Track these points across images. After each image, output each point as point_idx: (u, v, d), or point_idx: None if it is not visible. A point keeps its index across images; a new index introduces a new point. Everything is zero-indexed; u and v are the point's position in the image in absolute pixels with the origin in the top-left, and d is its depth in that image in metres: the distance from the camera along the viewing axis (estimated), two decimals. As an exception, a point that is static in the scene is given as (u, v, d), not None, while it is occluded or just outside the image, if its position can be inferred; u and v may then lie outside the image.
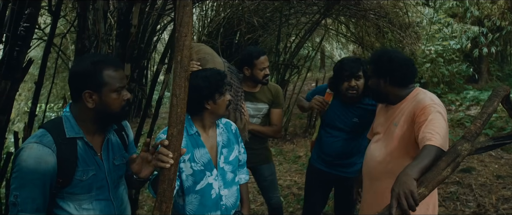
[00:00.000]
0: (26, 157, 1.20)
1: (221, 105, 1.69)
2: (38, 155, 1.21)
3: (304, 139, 6.33)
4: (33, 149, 1.22)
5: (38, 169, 1.21)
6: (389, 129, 1.80)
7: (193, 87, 1.59)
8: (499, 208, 3.22)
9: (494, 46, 8.08)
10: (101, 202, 1.37)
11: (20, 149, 1.23)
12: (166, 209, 1.21)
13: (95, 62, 1.29)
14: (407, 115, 1.71)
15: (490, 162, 4.38)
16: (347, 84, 2.15)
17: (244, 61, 2.37)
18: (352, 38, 8.37)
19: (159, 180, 1.22)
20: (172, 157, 1.20)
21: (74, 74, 1.30)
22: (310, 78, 11.10)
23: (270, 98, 2.49)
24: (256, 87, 2.47)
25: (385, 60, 1.78)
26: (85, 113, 1.32)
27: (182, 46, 1.24)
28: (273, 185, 2.66)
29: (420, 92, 1.76)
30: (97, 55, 1.40)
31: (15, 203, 1.20)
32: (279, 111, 2.52)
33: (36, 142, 1.23)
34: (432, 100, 1.67)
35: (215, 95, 1.66)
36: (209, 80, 1.65)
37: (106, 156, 1.39)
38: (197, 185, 1.65)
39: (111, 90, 1.31)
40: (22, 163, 1.20)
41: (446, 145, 1.50)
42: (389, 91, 1.80)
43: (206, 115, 1.70)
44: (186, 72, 1.25)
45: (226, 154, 1.75)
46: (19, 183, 1.20)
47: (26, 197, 1.21)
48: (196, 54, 2.05)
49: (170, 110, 1.24)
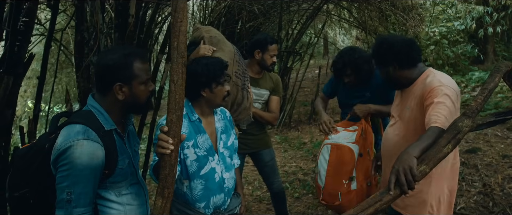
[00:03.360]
0: (80, 154, 1.22)
1: (217, 94, 1.71)
2: (91, 151, 1.24)
3: (308, 126, 6.33)
4: (85, 146, 1.23)
5: (91, 164, 1.24)
6: (403, 112, 1.82)
7: (191, 73, 1.62)
8: (505, 187, 3.21)
9: (500, 26, 7.93)
10: (134, 186, 1.44)
11: (68, 147, 1.23)
12: (168, 195, 1.23)
13: (126, 55, 1.32)
14: (417, 98, 1.71)
15: (496, 142, 4.35)
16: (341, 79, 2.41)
17: (258, 45, 2.45)
18: (354, 23, 8.27)
19: (161, 166, 1.24)
20: (172, 143, 1.22)
21: (104, 67, 1.32)
22: (313, 65, 11.03)
23: (272, 86, 2.57)
24: (260, 74, 2.54)
25: (386, 48, 1.80)
26: (114, 105, 1.35)
27: (178, 32, 1.24)
28: (273, 169, 2.70)
29: (430, 74, 1.75)
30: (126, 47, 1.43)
31: (69, 200, 1.22)
32: (278, 99, 2.61)
33: (85, 139, 1.25)
34: (440, 82, 1.65)
35: (212, 84, 1.67)
36: (208, 68, 1.66)
37: (128, 144, 1.44)
38: (202, 170, 1.69)
39: (140, 82, 1.34)
40: (76, 161, 1.21)
41: None
42: (399, 76, 1.80)
43: (202, 102, 1.73)
44: (183, 58, 1.25)
45: (224, 140, 1.80)
46: (73, 180, 1.22)
47: (80, 193, 1.23)
48: (207, 33, 2.09)
49: (168, 96, 1.25)
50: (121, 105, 1.36)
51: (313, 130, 6.06)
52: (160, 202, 1.22)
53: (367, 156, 2.24)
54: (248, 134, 2.46)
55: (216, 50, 2.04)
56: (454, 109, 1.56)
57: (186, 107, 1.69)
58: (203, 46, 2.01)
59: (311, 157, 4.76)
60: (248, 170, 4.29)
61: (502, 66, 1.48)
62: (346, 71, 2.31)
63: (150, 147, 3.16)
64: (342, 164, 2.19)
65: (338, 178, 2.18)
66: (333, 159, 2.21)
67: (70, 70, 7.85)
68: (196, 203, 1.70)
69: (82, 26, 2.16)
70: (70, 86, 7.54)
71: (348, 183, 2.18)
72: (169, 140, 1.21)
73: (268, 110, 2.59)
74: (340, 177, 2.18)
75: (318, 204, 3.44)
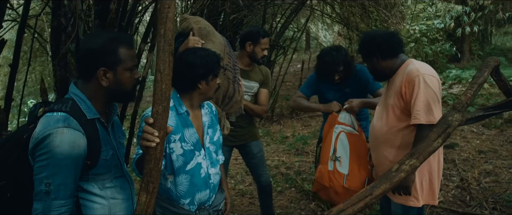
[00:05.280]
0: (59, 143, 1.14)
1: (212, 87, 1.68)
2: (72, 140, 1.17)
3: (291, 120, 6.34)
4: (65, 134, 1.16)
5: (72, 154, 1.17)
6: (386, 100, 1.91)
7: (189, 65, 1.59)
8: (482, 181, 3.31)
9: (477, 25, 8.17)
10: (119, 179, 1.38)
11: (47, 135, 1.15)
12: (153, 190, 1.16)
13: (111, 39, 1.26)
14: (397, 86, 1.80)
15: (472, 138, 4.49)
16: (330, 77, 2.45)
17: (250, 37, 2.43)
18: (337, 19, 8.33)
19: (145, 159, 1.18)
20: (158, 135, 1.15)
21: (88, 51, 1.25)
22: (295, 60, 11.06)
23: (261, 78, 2.56)
24: (250, 66, 2.52)
25: (368, 40, 1.91)
26: (98, 92, 1.28)
27: (165, 18, 1.17)
28: (262, 162, 2.68)
29: (410, 63, 1.83)
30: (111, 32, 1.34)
31: (48, 192, 1.14)
32: (267, 92, 2.61)
33: (65, 127, 1.17)
34: (418, 70, 1.73)
35: (209, 76, 1.63)
36: (206, 59, 1.62)
37: (113, 135, 1.38)
38: (187, 165, 1.63)
39: (125, 68, 1.28)
40: (55, 149, 1.14)
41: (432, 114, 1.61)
42: (383, 67, 1.89)
43: (195, 94, 1.67)
44: (170, 46, 1.19)
45: (211, 134, 1.75)
46: (52, 171, 1.15)
47: (59, 184, 1.15)
48: (196, 24, 2.03)
49: (154, 87, 1.18)
50: (104, 92, 1.29)
51: (295, 124, 6.08)
52: (144, 197, 1.15)
53: None
54: (237, 126, 2.43)
55: (205, 42, 1.98)
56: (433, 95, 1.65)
57: (174, 99, 1.64)
58: (192, 38, 1.95)
59: (293, 151, 4.77)
60: (231, 164, 4.24)
61: (491, 61, 1.49)
62: (339, 68, 2.36)
63: (131, 140, 3.06)
64: (362, 149, 2.23)
65: (363, 162, 2.20)
66: (353, 145, 2.23)
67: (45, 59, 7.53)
68: (181, 200, 1.64)
69: (59, 11, 2.03)
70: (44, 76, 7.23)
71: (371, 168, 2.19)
72: (155, 133, 1.15)
73: (258, 102, 2.57)
74: (365, 161, 2.20)
75: (301, 197, 3.45)
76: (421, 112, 1.65)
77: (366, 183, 2.15)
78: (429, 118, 1.63)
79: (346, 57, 2.38)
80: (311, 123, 6.06)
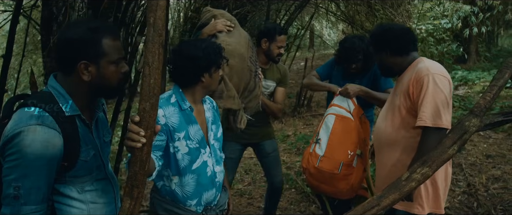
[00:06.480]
0: (30, 142, 1.03)
1: (215, 79, 1.61)
2: (45, 139, 1.05)
3: (292, 118, 6.22)
4: (37, 132, 1.05)
5: (45, 154, 1.05)
6: (392, 100, 1.80)
7: (190, 57, 1.51)
8: (490, 187, 3.19)
9: (485, 26, 8.00)
10: (101, 181, 1.27)
11: (18, 133, 1.04)
12: (138, 195, 1.05)
13: (93, 29, 1.13)
14: (404, 85, 1.70)
15: (479, 141, 4.36)
16: (347, 66, 2.38)
17: (266, 34, 2.34)
18: (342, 17, 8.20)
19: (130, 161, 1.07)
20: (144, 135, 1.04)
21: (67, 42, 1.13)
22: (299, 57, 10.91)
23: (278, 77, 2.48)
24: (266, 64, 2.44)
25: (380, 33, 1.81)
26: (78, 87, 1.16)
27: (156, 6, 1.06)
28: (276, 162, 2.58)
29: (420, 61, 1.72)
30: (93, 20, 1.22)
31: (16, 196, 1.04)
32: (284, 90, 2.53)
33: (38, 124, 1.06)
34: (428, 69, 1.63)
35: (212, 68, 1.56)
36: (208, 50, 1.54)
37: (96, 133, 1.27)
38: (193, 164, 1.55)
39: (109, 62, 1.16)
40: (25, 149, 1.03)
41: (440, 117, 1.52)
42: (391, 63, 1.79)
43: (198, 88, 1.59)
44: (160, 37, 1.07)
45: (214, 131, 1.67)
46: (22, 173, 1.04)
47: (30, 187, 1.05)
48: (221, 15, 2.00)
49: (142, 81, 1.07)
50: (86, 87, 1.17)
51: (297, 123, 5.96)
52: (128, 203, 1.04)
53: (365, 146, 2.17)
54: (251, 124, 2.31)
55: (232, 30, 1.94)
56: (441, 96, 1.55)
57: (176, 94, 1.57)
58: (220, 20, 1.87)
59: (294, 151, 4.65)
60: (230, 163, 4.14)
61: (511, 62, 1.37)
62: (358, 56, 2.28)
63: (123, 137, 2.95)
64: (347, 133, 2.13)
65: (342, 147, 2.10)
66: (337, 128, 2.15)
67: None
68: (188, 201, 1.56)
69: (50, 0, 1.93)
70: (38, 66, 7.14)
71: (353, 155, 2.09)
72: (141, 132, 1.03)
73: (274, 101, 2.49)
74: (345, 146, 2.10)
75: (301, 199, 3.34)
76: (427, 114, 1.53)
77: (340, 167, 2.06)
78: (436, 121, 1.52)
79: (367, 48, 2.28)
80: (313, 122, 5.95)
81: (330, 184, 2.10)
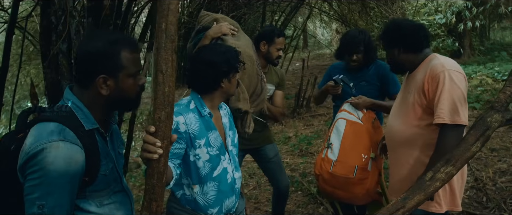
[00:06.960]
0: (53, 159, 1.00)
1: (233, 84, 1.60)
2: (68, 155, 1.02)
3: (292, 119, 6.19)
4: (60, 148, 1.02)
5: (69, 171, 1.02)
6: (405, 97, 1.77)
7: (210, 63, 1.49)
8: (497, 181, 3.18)
9: (478, 20, 8.06)
10: (118, 194, 1.25)
11: (40, 151, 1.00)
12: (156, 208, 1.01)
13: (112, 42, 1.11)
14: (418, 82, 1.67)
15: (481, 135, 4.36)
16: (348, 57, 2.33)
17: (265, 36, 2.32)
18: (335, 16, 8.22)
19: (147, 174, 1.02)
20: (161, 146, 1.00)
21: (86, 55, 1.11)
22: (295, 58, 10.90)
23: (277, 80, 2.45)
24: (265, 68, 2.39)
25: (394, 29, 1.78)
26: (97, 100, 1.14)
27: (167, 11, 1.02)
28: (279, 166, 2.53)
29: (434, 58, 1.69)
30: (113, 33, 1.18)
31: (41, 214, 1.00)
32: (283, 94, 2.51)
33: (60, 140, 1.03)
34: (443, 65, 1.60)
35: (231, 73, 1.55)
36: (226, 55, 1.53)
37: (111, 145, 1.24)
38: (214, 171, 1.53)
39: (128, 75, 1.13)
40: (49, 167, 1.00)
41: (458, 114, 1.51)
42: (404, 59, 1.76)
43: (217, 94, 1.57)
44: (173, 43, 1.03)
45: (232, 136, 1.65)
46: (45, 190, 1.00)
47: (54, 205, 1.01)
48: (223, 20, 1.97)
49: (155, 90, 1.02)
50: (104, 101, 1.13)
51: (297, 124, 5.93)
52: (147, 218, 1.00)
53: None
54: None
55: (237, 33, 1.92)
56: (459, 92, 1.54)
57: (195, 100, 1.54)
58: (224, 23, 1.86)
59: (297, 152, 4.61)
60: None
61: (527, 55, 1.35)
62: (358, 48, 2.25)
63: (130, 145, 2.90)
64: (359, 137, 2.09)
65: (355, 150, 2.06)
66: (349, 132, 2.11)
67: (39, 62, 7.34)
68: (209, 209, 1.53)
69: (49, 9, 1.87)
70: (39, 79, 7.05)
71: (367, 158, 2.05)
72: (157, 143, 0.99)
73: (273, 105, 2.45)
74: (358, 150, 2.06)
75: (308, 201, 3.30)
76: (445, 111, 1.52)
77: (355, 172, 2.02)
78: (454, 118, 1.51)
79: (369, 40, 2.27)
80: (313, 123, 5.91)
81: (345, 189, 2.05)
